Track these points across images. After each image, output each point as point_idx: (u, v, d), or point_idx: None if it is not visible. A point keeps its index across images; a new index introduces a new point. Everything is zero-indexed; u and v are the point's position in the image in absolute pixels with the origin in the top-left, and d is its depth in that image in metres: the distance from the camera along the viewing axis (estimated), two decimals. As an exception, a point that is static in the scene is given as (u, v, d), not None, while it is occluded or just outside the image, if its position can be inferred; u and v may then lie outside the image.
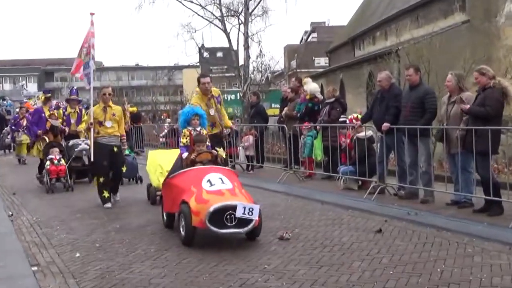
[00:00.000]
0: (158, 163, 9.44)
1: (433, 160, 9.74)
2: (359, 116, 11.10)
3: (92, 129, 9.52)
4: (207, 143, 7.64)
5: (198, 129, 7.75)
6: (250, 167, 14.17)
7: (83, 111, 13.20)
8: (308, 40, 74.05)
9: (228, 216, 6.24)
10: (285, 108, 13.36)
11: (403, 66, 18.67)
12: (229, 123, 9.75)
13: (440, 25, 23.27)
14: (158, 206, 8.63)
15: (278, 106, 19.70)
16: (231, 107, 42.18)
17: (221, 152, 8.35)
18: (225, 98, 43.97)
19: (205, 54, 39.80)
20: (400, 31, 26.88)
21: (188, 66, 43.67)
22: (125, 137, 9.98)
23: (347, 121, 11.50)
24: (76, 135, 13.07)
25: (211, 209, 6.23)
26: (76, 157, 12.58)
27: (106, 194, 9.60)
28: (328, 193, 10.20)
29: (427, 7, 24.94)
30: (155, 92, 63.63)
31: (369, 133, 10.27)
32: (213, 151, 7.51)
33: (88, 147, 11.30)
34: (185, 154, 7.47)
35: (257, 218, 6.33)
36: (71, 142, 12.71)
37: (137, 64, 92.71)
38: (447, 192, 8.70)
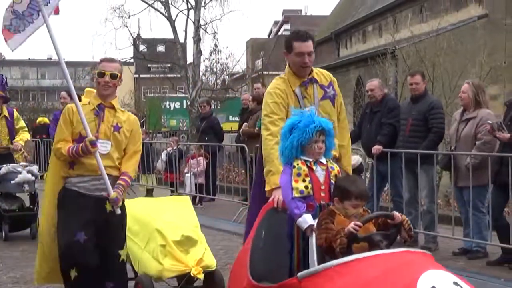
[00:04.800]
0: (153, 226, 6.59)
1: (438, 196, 9.88)
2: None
3: (105, 147, 5.63)
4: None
5: (324, 161, 4.98)
6: (198, 200, 14.13)
7: (15, 114, 10.68)
8: (279, 33, 74.72)
9: None
10: (244, 124, 13.39)
11: (401, 71, 19.05)
12: (349, 158, 6.04)
13: (450, 20, 23.82)
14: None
15: (237, 119, 19.77)
16: (175, 118, 42.27)
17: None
18: (167, 106, 44.14)
19: (142, 48, 39.77)
20: (399, 26, 27.40)
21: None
22: (128, 181, 5.79)
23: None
24: (8, 156, 10.45)
25: None
26: (10, 196, 10.43)
27: None
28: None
29: (433, -4, 25.53)
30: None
31: (356, 159, 10.35)
32: (388, 212, 4.80)
33: (32, 177, 10.11)
34: (307, 218, 4.71)
35: None
36: (1, 170, 10.16)
37: (50, 58, 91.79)
38: (454, 238, 8.82)
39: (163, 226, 6.48)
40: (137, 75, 58.85)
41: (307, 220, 4.62)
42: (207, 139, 14.42)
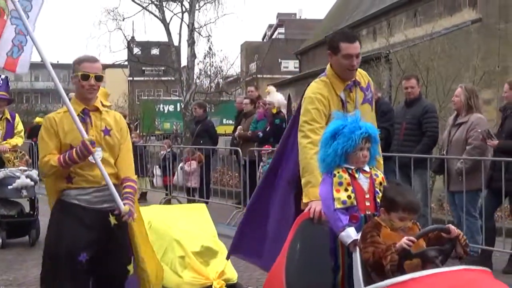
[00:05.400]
0: (171, 236, 6.15)
1: (431, 200, 9.90)
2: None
3: (97, 155, 4.92)
4: None
5: (367, 169, 4.63)
6: (191, 203, 14.13)
7: (17, 118, 10.62)
8: (274, 36, 74.83)
9: None
10: (239, 127, 13.41)
11: (395, 75, 19.09)
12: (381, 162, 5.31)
13: (444, 24, 23.87)
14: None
15: (231, 122, 19.79)
16: (169, 121, 42.20)
17: None
18: (161, 109, 44.07)
19: (136, 50, 39.88)
20: (393, 30, 27.44)
21: (113, 66, 43.49)
22: (135, 187, 5.12)
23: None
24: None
25: None
26: (9, 201, 10.03)
27: None
28: (294, 239, 10.23)
29: (428, 0, 25.59)
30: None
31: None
32: (443, 226, 4.32)
33: (31, 182, 9.82)
34: (351, 231, 4.36)
35: None
36: None
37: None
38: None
39: (181, 236, 6.00)
40: (131, 78, 58.68)
41: (350, 234, 4.30)
42: (202, 142, 14.44)
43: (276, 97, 12.94)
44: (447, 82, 16.23)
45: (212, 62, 33.45)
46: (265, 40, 76.76)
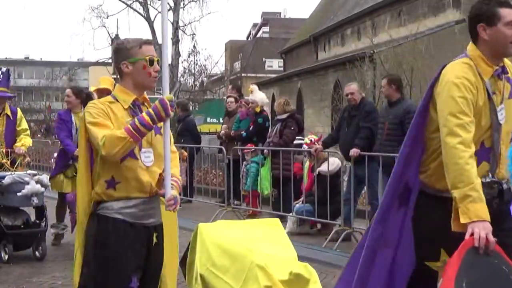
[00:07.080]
0: (252, 261, 4.98)
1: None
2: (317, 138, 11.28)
3: (147, 157, 4.06)
4: None
5: None
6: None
7: (19, 113, 9.41)
8: (258, 35, 74.85)
9: None
10: (223, 126, 13.40)
11: (379, 75, 19.16)
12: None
13: (428, 24, 23.99)
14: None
15: (215, 120, 19.80)
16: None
17: None
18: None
19: (120, 48, 39.54)
20: (377, 30, 27.55)
21: (97, 63, 43.34)
22: (180, 184, 4.21)
23: (304, 145, 11.64)
24: None
25: None
26: (12, 209, 8.69)
27: None
28: (277, 238, 10.23)
29: (412, 0, 25.70)
30: (51, 95, 62.61)
31: (334, 163, 10.39)
32: None
33: (41, 188, 8.51)
34: None
35: None
36: (5, 180, 8.44)
37: (27, 58, 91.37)
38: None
39: (265, 261, 4.92)
40: (115, 76, 58.66)
41: None
42: (183, 141, 14.44)
43: (258, 96, 12.98)
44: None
45: (197, 60, 33.38)
46: (249, 39, 76.79)
